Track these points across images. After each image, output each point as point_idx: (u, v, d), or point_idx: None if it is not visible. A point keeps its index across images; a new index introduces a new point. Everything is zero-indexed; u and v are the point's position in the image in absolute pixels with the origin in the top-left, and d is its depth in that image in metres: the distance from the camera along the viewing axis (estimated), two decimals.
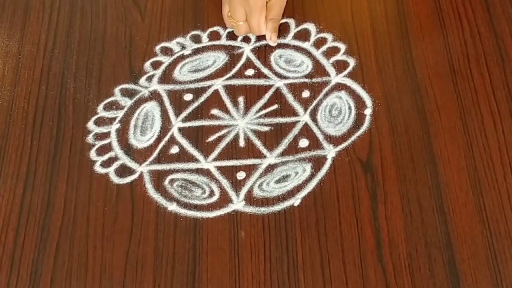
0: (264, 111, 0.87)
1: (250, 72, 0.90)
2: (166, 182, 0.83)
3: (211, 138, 0.86)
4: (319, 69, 0.90)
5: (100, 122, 0.88)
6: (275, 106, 0.87)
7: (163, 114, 0.88)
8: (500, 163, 0.79)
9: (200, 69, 0.92)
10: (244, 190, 0.81)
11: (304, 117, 0.86)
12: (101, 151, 0.86)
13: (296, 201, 0.80)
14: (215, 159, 0.84)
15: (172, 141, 0.86)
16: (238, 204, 0.80)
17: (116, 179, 0.83)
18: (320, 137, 0.84)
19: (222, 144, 0.85)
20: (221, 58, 0.92)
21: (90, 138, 0.87)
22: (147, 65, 0.93)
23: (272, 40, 0.91)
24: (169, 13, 0.97)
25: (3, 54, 0.96)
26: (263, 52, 0.92)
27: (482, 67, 0.87)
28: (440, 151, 0.81)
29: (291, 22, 0.94)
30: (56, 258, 0.78)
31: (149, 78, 0.92)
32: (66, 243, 0.79)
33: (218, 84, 0.90)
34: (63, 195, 0.82)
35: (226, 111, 0.88)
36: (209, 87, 0.90)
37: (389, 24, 0.93)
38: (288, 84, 0.89)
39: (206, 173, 0.83)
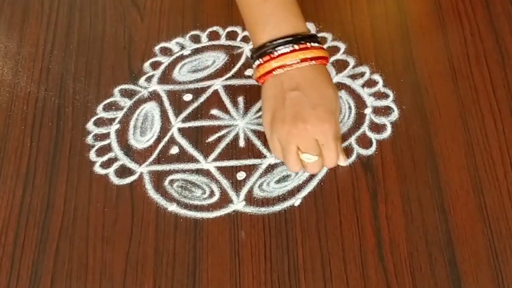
0: None
1: (249, 72, 0.90)
2: (166, 182, 0.83)
3: (211, 139, 0.85)
4: None
5: (99, 122, 0.88)
6: None
7: (163, 114, 0.88)
8: (501, 162, 0.79)
9: (200, 69, 0.92)
10: (244, 190, 0.81)
11: None
12: (101, 151, 0.86)
13: (296, 201, 0.80)
14: (215, 160, 0.84)
15: (172, 141, 0.86)
16: (238, 204, 0.80)
17: (116, 180, 0.83)
18: None
19: (222, 144, 0.85)
20: (220, 58, 0.92)
21: (89, 139, 0.87)
22: (147, 65, 0.93)
23: (346, 160, 0.81)
24: (168, 13, 0.97)
25: (2, 55, 0.96)
26: None
27: (482, 66, 0.87)
28: (441, 150, 0.81)
29: None
30: (56, 259, 0.78)
31: (149, 79, 0.91)
32: (66, 244, 0.79)
33: (217, 84, 0.90)
34: (63, 196, 0.82)
35: (226, 111, 0.87)
36: (208, 87, 0.90)
37: (389, 23, 0.93)
38: None
39: (206, 173, 0.83)
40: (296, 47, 0.77)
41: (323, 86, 0.78)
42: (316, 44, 0.79)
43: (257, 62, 0.79)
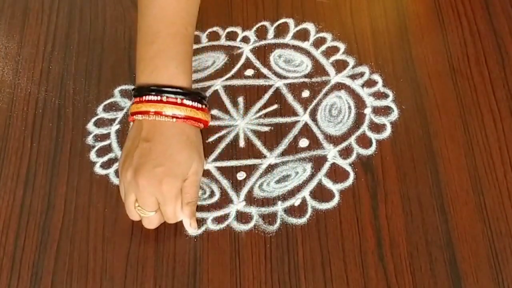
0: (264, 111, 0.87)
1: (249, 72, 0.90)
2: None
3: (211, 139, 0.85)
4: (318, 68, 0.90)
5: (100, 123, 0.88)
6: (275, 106, 0.87)
7: None
8: (501, 162, 0.79)
9: (200, 70, 0.92)
10: (244, 190, 0.81)
11: (304, 117, 0.86)
12: (101, 152, 0.86)
13: (296, 201, 0.80)
14: (215, 160, 0.84)
15: None
16: (238, 204, 0.80)
17: (116, 180, 0.83)
18: (320, 136, 0.84)
19: (222, 145, 0.85)
20: (220, 58, 0.92)
21: (90, 140, 0.87)
22: None
23: (192, 227, 0.77)
24: None
25: (3, 56, 0.96)
26: (262, 52, 0.92)
27: (481, 66, 0.87)
28: (440, 150, 0.81)
29: (291, 22, 0.94)
30: (57, 259, 0.78)
31: None
32: (67, 244, 0.79)
33: (217, 84, 0.90)
34: (63, 197, 0.82)
35: (226, 111, 0.88)
36: (208, 87, 0.90)
37: (389, 23, 0.93)
38: (288, 84, 0.89)
39: (206, 173, 0.83)
40: (164, 98, 0.76)
41: (176, 148, 0.76)
42: (190, 103, 0.78)
43: (132, 100, 0.80)
